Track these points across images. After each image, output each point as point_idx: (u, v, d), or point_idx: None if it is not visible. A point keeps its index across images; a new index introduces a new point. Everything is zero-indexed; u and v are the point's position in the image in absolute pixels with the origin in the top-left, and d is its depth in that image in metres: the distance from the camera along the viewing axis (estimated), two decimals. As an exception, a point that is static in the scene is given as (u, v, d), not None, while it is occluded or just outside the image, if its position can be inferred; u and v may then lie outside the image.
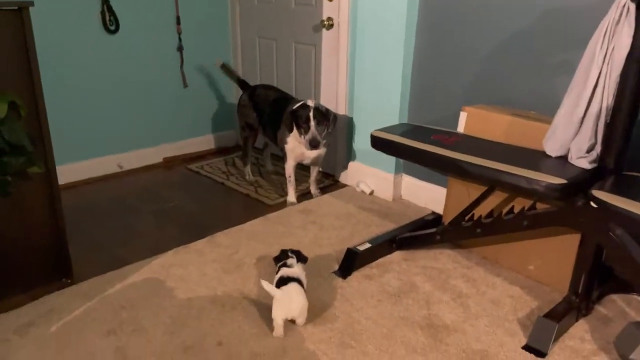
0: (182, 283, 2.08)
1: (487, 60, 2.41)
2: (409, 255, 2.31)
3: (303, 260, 1.97)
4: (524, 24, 2.24)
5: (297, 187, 3.11)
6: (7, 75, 1.84)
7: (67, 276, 2.14)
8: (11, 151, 1.78)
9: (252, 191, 3.08)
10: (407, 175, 2.89)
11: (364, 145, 2.99)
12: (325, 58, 3.13)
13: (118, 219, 2.69)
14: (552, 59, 2.20)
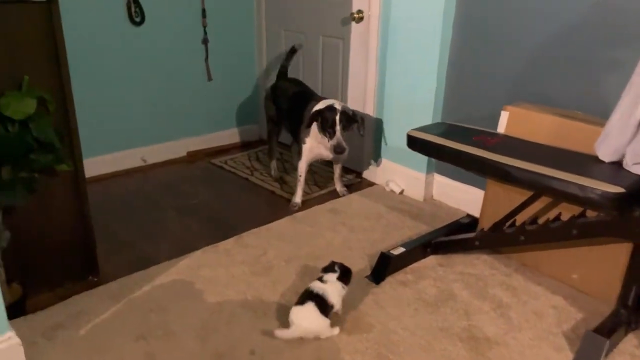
0: (211, 285, 2.02)
1: (528, 56, 2.28)
2: (444, 260, 2.21)
3: (346, 279, 1.82)
4: (571, 17, 2.11)
5: (324, 185, 3.02)
6: (36, 70, 1.78)
7: (93, 274, 2.10)
8: (39, 148, 1.72)
9: (277, 188, 3.01)
10: (439, 175, 2.79)
11: (394, 143, 2.89)
12: (354, 52, 3.02)
13: (143, 215, 2.63)
14: (601, 56, 2.07)
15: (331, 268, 1.82)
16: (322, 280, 1.78)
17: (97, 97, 2.98)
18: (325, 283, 1.76)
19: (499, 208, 2.18)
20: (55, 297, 1.95)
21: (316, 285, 1.76)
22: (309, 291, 1.74)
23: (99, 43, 2.93)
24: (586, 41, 2.09)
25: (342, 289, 1.80)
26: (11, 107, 1.65)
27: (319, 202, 2.78)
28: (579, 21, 2.09)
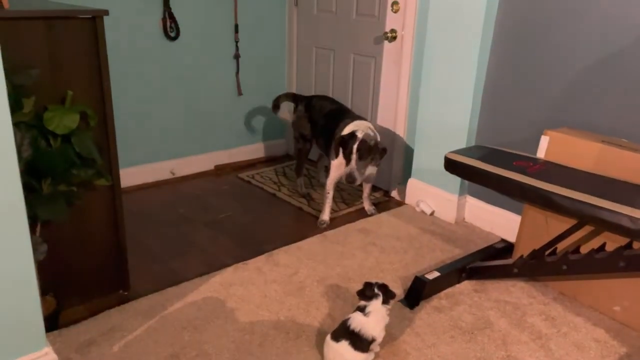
0: (244, 304, 1.98)
1: (570, 79, 2.23)
2: (479, 286, 2.15)
3: (389, 297, 1.70)
4: (618, 42, 2.06)
5: (352, 203, 2.99)
6: (79, 85, 1.78)
7: (124, 288, 2.08)
8: (81, 163, 1.72)
9: (305, 204, 2.98)
10: (471, 197, 2.73)
11: (426, 164, 2.84)
12: (386, 71, 3.00)
13: (172, 229, 2.62)
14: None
15: (371, 291, 1.69)
16: (363, 310, 1.66)
17: (129, 110, 3.00)
18: (367, 315, 1.64)
19: (536, 235, 2.12)
20: (86, 310, 1.94)
21: (355, 320, 1.64)
22: (346, 326, 1.64)
23: (134, 57, 2.95)
24: (634, 66, 2.03)
25: (386, 315, 1.68)
26: (55, 121, 1.64)
27: (348, 221, 2.74)
28: (627, 45, 2.04)
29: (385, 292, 1.69)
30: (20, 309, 1.45)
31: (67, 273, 1.92)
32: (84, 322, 1.85)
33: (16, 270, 1.41)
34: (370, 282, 1.73)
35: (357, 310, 1.68)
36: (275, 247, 2.43)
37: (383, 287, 1.70)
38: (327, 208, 2.74)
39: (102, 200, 1.95)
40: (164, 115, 3.17)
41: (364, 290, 1.70)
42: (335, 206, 2.95)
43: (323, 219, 2.72)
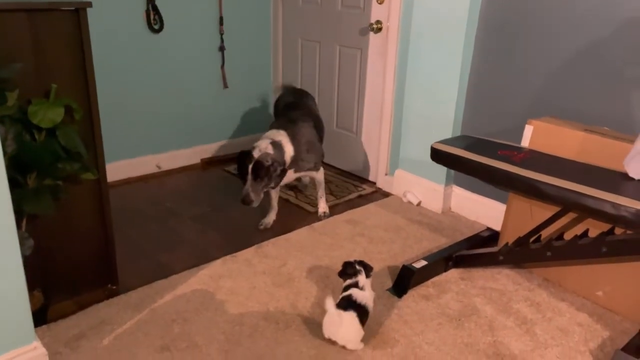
0: (233, 296, 2.00)
1: (553, 70, 2.27)
2: (465, 274, 2.19)
3: (369, 270, 1.82)
4: (601, 32, 2.10)
5: (340, 195, 3.00)
6: (63, 78, 1.76)
7: (112, 282, 2.08)
8: (67, 157, 1.71)
9: (292, 196, 2.99)
10: (457, 187, 2.77)
11: (412, 154, 2.87)
12: (372, 62, 3.02)
13: (159, 222, 2.62)
14: (630, 72, 2.06)
15: (353, 269, 1.80)
16: (357, 286, 1.75)
17: (113, 103, 2.97)
18: (364, 289, 1.74)
19: (521, 222, 2.16)
20: (75, 305, 1.93)
21: (359, 295, 1.72)
22: (352, 300, 1.71)
23: (117, 50, 2.93)
24: (615, 56, 2.07)
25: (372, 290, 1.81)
26: (39, 115, 1.63)
27: (337, 212, 2.76)
28: (607, 36, 2.08)
29: (365, 267, 1.80)
30: (8, 304, 1.45)
31: (54, 268, 1.91)
32: (72, 316, 1.84)
33: (3, 265, 1.41)
34: (349, 261, 1.83)
35: (351, 288, 1.74)
36: (263, 239, 2.44)
37: (362, 263, 1.82)
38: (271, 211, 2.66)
39: (89, 194, 1.94)
40: (149, 108, 3.15)
41: (346, 269, 1.80)
42: (324, 198, 2.97)
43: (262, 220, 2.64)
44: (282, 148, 2.40)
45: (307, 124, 2.58)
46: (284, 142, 2.42)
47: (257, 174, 2.29)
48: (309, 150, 2.54)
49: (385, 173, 3.08)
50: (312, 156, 2.56)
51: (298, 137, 2.48)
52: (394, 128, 2.96)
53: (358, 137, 3.24)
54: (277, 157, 2.35)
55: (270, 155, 2.33)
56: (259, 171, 2.29)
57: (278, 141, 2.40)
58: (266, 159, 2.30)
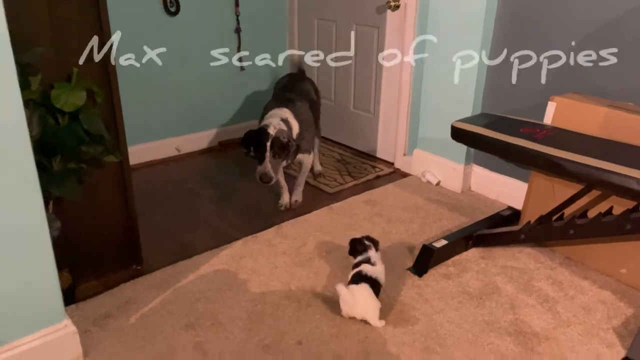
0: (255, 276, 2.02)
1: (575, 44, 2.21)
2: (486, 253, 2.18)
3: (377, 244, 1.87)
4: (623, 5, 2.02)
5: (357, 176, 3.00)
6: (85, 62, 1.77)
7: (137, 263, 2.12)
8: (90, 140, 1.73)
9: (311, 178, 2.99)
10: (477, 166, 2.74)
11: (431, 134, 2.84)
12: (389, 40, 2.97)
13: (181, 204, 2.65)
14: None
15: (362, 245, 1.84)
16: (369, 262, 1.77)
17: (132, 87, 2.98)
18: (375, 264, 1.76)
19: (543, 201, 2.14)
20: (101, 285, 1.98)
21: (369, 269, 1.75)
22: (363, 274, 1.73)
23: (134, 33, 2.93)
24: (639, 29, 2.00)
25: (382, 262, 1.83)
26: (62, 99, 1.65)
27: (354, 193, 2.76)
28: (634, 9, 2.01)
29: (372, 241, 1.83)
30: (39, 284, 1.49)
31: (81, 249, 1.95)
32: (99, 296, 1.89)
33: (35, 246, 1.44)
34: (356, 238, 1.86)
35: (362, 264, 1.77)
36: (283, 220, 2.45)
37: (369, 238, 1.85)
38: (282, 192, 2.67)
39: (112, 176, 1.96)
40: (167, 92, 3.16)
41: (355, 247, 1.83)
42: (341, 179, 2.97)
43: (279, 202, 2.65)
44: (290, 125, 2.40)
45: (303, 105, 2.57)
46: (291, 120, 2.42)
47: (275, 151, 2.28)
48: (307, 129, 2.53)
49: (404, 153, 3.06)
50: (309, 136, 2.55)
51: (299, 115, 2.48)
52: (412, 108, 2.93)
53: (375, 118, 3.22)
54: (290, 133, 2.36)
55: (285, 132, 2.32)
56: (278, 148, 2.28)
57: (285, 118, 2.40)
58: (283, 135, 2.30)
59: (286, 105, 2.48)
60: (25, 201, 1.39)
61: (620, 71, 2.09)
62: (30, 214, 1.41)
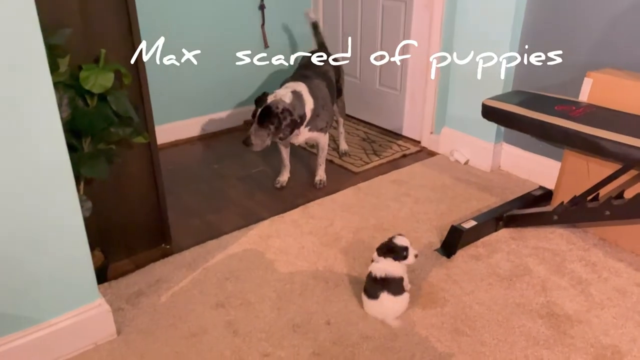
0: (282, 255, 2.03)
1: (612, 17, 2.10)
2: (516, 234, 2.14)
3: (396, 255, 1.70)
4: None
5: (383, 154, 2.96)
6: (111, 43, 1.77)
7: (166, 242, 2.15)
8: (119, 122, 1.74)
9: (336, 157, 2.97)
10: (507, 144, 2.68)
11: (460, 111, 2.78)
12: (417, 14, 2.89)
13: (207, 184, 2.67)
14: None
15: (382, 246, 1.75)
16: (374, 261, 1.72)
17: (156, 67, 2.99)
18: (379, 261, 1.69)
19: (577, 181, 2.07)
20: (132, 264, 2.02)
21: (375, 268, 1.68)
22: (372, 277, 1.68)
23: (156, 10, 2.91)
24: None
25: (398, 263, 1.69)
26: (90, 80, 1.65)
27: (380, 172, 2.74)
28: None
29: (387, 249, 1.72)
30: (73, 263, 1.52)
31: (111, 229, 1.98)
32: (130, 275, 1.93)
33: (68, 226, 1.47)
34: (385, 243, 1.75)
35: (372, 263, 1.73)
36: (309, 200, 2.45)
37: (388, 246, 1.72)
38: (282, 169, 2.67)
39: (140, 157, 1.98)
40: (191, 71, 3.15)
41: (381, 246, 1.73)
42: (367, 158, 2.94)
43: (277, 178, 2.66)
44: (303, 99, 2.36)
45: (320, 82, 2.53)
46: (305, 94, 2.38)
47: (263, 119, 2.25)
48: (324, 106, 2.48)
49: (431, 131, 3.01)
50: (325, 114, 2.50)
51: (316, 91, 2.44)
52: (440, 84, 2.86)
53: (402, 95, 3.16)
54: (294, 107, 2.30)
55: (284, 103, 2.27)
56: (266, 117, 2.25)
57: (299, 91, 2.36)
58: (277, 105, 2.25)
59: (303, 80, 2.46)
60: (57, 182, 1.41)
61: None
62: (63, 194, 1.43)
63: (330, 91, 2.59)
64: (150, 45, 2.90)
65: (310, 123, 2.42)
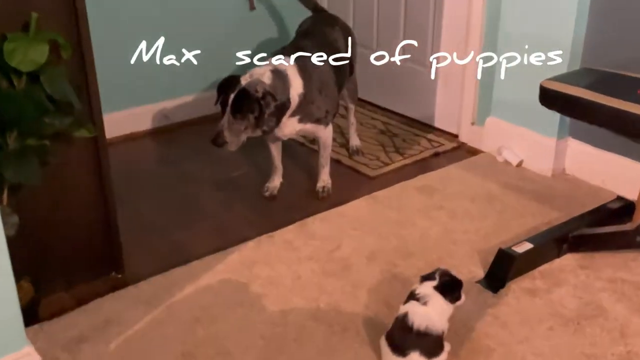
0: (272, 288, 2.04)
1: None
2: (586, 261, 2.15)
3: (449, 293, 1.69)
4: None
5: (407, 152, 2.97)
6: (45, 4, 1.78)
7: (117, 269, 2.16)
8: (55, 109, 1.74)
9: (345, 156, 2.98)
10: (575, 140, 2.70)
11: (511, 96, 2.80)
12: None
13: (173, 191, 2.69)
14: None
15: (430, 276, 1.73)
16: (417, 298, 1.67)
17: (106, 36, 2.98)
18: (426, 304, 1.65)
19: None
20: (72, 298, 2.02)
21: (416, 314, 1.64)
22: (407, 324, 1.64)
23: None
24: None
25: (445, 306, 1.69)
26: (17, 55, 1.65)
27: (404, 177, 2.75)
28: None
29: (444, 283, 1.70)
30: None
31: (45, 251, 1.99)
32: (70, 313, 1.93)
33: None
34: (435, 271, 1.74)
35: (409, 301, 1.69)
36: (308, 214, 2.46)
37: (445, 275, 1.72)
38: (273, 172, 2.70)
39: (84, 156, 1.99)
40: (152, 39, 3.16)
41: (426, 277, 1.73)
42: (386, 157, 2.96)
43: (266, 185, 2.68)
44: (287, 80, 2.35)
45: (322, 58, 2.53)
46: (291, 73, 2.37)
47: (239, 107, 2.24)
48: (321, 90, 2.47)
49: (472, 122, 3.02)
50: (325, 101, 2.49)
51: (309, 70, 2.43)
52: (484, 60, 2.87)
53: (433, 73, 3.17)
54: (277, 90, 2.29)
55: (264, 84, 2.27)
56: (243, 105, 2.23)
57: (282, 70, 2.36)
58: (255, 87, 2.24)
59: (293, 54, 2.44)
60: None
61: None
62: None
63: (336, 68, 2.59)
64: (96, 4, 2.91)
65: (300, 112, 2.41)
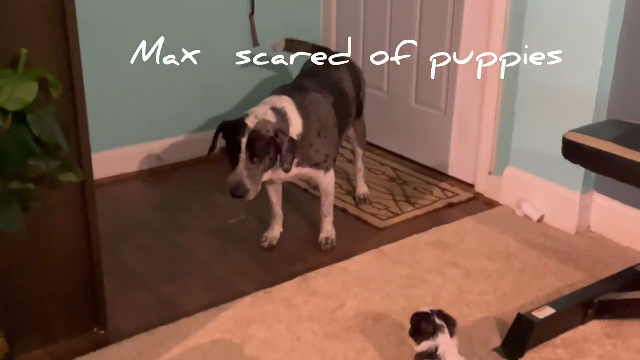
0: (269, 351, 2.03)
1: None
2: (613, 329, 2.14)
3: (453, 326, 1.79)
4: None
5: (419, 203, 2.98)
6: (36, 41, 1.82)
7: (100, 326, 2.15)
8: (41, 151, 1.77)
9: (352, 204, 3.00)
10: (600, 195, 2.72)
11: (531, 145, 2.83)
12: (471, 3, 2.99)
13: (164, 238, 2.70)
14: None
15: (431, 324, 1.75)
16: (435, 356, 1.71)
17: (99, 72, 3.03)
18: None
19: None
20: (50, 357, 2.02)
21: None
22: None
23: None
24: None
25: None
26: (4, 93, 1.68)
27: (416, 230, 2.77)
28: None
29: (447, 321, 1.77)
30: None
31: (21, 305, 1.99)
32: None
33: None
34: (422, 312, 1.79)
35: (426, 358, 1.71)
36: (310, 268, 2.46)
37: (442, 315, 1.78)
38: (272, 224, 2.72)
39: (69, 201, 2.01)
40: (147, 77, 3.21)
41: (421, 326, 1.76)
42: (396, 207, 2.97)
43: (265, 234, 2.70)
44: (287, 119, 2.38)
45: (323, 97, 2.55)
46: (290, 112, 2.40)
47: (255, 152, 2.26)
48: (321, 133, 2.49)
49: (490, 172, 3.05)
50: (324, 143, 2.50)
51: (308, 109, 2.46)
52: (502, 105, 2.92)
53: (448, 118, 3.22)
54: (282, 127, 2.34)
55: (271, 123, 2.30)
56: (259, 147, 2.25)
57: (281, 109, 2.39)
58: (266, 127, 2.28)
59: (292, 94, 2.48)
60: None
61: None
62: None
63: (339, 110, 2.61)
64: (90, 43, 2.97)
65: (298, 155, 2.41)
